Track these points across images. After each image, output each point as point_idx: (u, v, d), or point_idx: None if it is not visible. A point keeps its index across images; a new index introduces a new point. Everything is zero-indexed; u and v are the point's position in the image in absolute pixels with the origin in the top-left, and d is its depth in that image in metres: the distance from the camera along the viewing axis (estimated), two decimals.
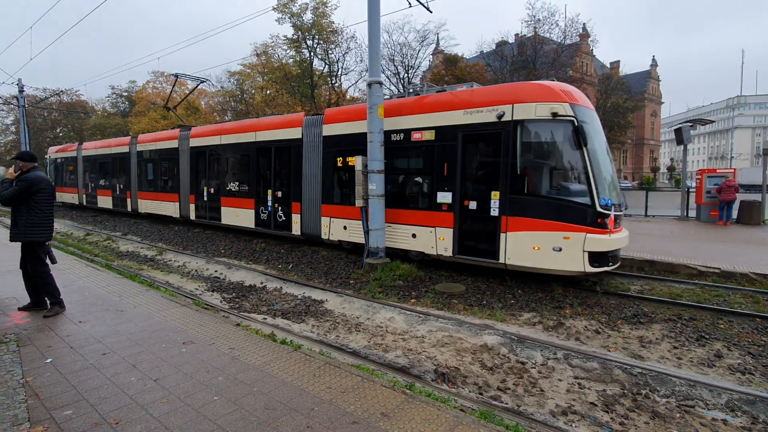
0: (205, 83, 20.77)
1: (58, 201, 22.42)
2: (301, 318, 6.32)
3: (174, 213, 14.97)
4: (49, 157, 24.76)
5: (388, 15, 29.52)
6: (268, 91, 34.77)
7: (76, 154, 21.44)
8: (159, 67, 52.61)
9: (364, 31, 10.18)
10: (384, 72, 31.16)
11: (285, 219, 11.07)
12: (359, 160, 8.62)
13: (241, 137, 12.27)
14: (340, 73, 32.40)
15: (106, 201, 19.02)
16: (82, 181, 21.07)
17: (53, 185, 5.31)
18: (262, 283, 8.36)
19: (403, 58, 32.38)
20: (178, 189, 14.66)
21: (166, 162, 15.27)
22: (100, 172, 19.55)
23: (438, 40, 35.47)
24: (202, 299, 7.09)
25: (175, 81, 19.75)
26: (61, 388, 3.27)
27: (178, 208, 14.77)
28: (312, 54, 31.00)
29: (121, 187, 17.85)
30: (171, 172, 15.00)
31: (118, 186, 18.12)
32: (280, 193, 11.20)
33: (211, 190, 13.33)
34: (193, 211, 14.11)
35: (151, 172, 16.13)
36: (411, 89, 10.47)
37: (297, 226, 10.72)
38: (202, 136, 13.76)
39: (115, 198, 18.37)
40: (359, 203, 8.74)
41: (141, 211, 16.75)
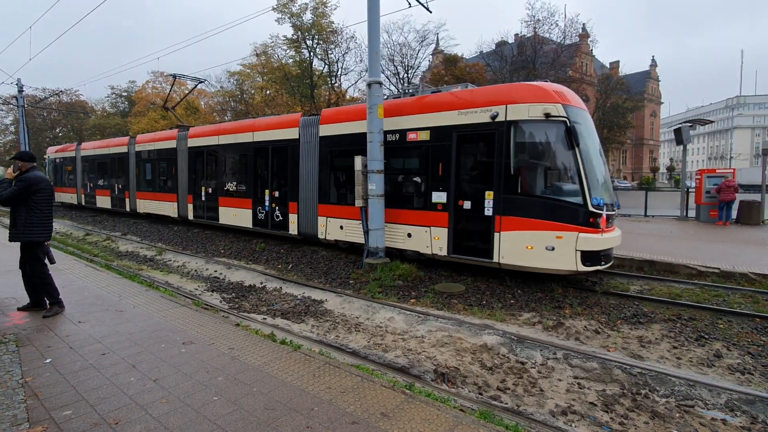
0: (205, 83, 20.77)
1: (57, 201, 22.42)
2: (301, 318, 6.32)
3: (172, 213, 14.97)
4: (48, 157, 24.74)
5: (387, 15, 29.42)
6: (268, 92, 34.73)
7: (74, 154, 21.43)
8: (159, 67, 52.67)
9: (364, 31, 10.20)
10: (384, 72, 31.09)
11: (282, 219, 11.08)
12: (359, 160, 8.62)
13: (239, 137, 12.28)
14: (339, 73, 32.37)
15: (104, 201, 19.01)
16: (80, 181, 21.05)
17: (52, 185, 5.31)
18: (262, 283, 8.36)
19: (402, 58, 32.35)
20: (177, 189, 14.66)
21: (164, 162, 15.27)
22: (98, 172, 19.54)
23: (438, 40, 35.42)
24: (202, 299, 7.08)
25: (173, 81, 19.75)
26: (60, 389, 3.26)
27: (176, 207, 14.77)
28: (312, 54, 30.96)
29: (120, 187, 17.84)
30: (169, 172, 15.00)
31: (116, 186, 18.11)
32: (278, 193, 11.22)
33: (209, 190, 13.34)
34: (191, 211, 14.11)
35: (149, 172, 16.13)
36: (407, 90, 10.50)
37: (294, 226, 10.75)
38: (200, 136, 13.76)
39: (113, 198, 18.36)
40: (359, 203, 8.74)
41: (139, 211, 16.74)
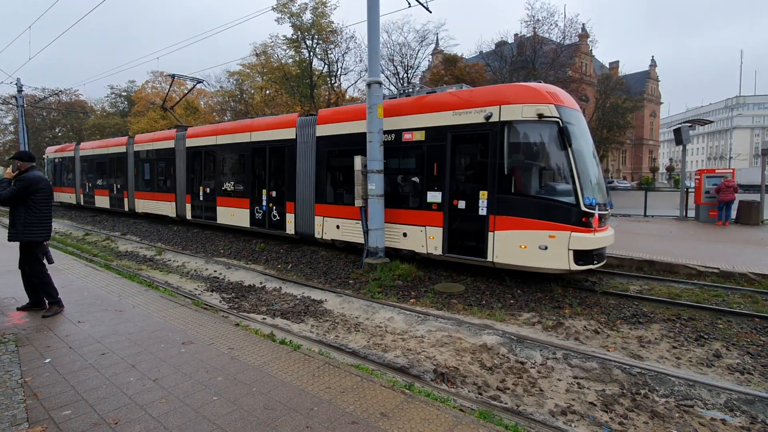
0: (204, 83, 20.76)
1: (56, 201, 22.40)
2: (301, 318, 6.32)
3: (170, 213, 14.99)
4: (47, 157, 24.73)
5: (387, 15, 29.48)
6: (268, 91, 34.71)
7: (73, 154, 21.43)
8: (158, 66, 52.61)
9: (364, 31, 10.19)
10: (383, 72, 31.10)
11: (279, 218, 11.12)
12: (358, 160, 8.62)
13: (237, 137, 12.31)
14: (339, 73, 32.34)
15: (103, 201, 19.01)
16: (79, 181, 21.06)
17: (51, 185, 5.31)
18: (262, 283, 8.36)
19: (402, 58, 32.33)
20: (175, 189, 14.68)
21: (162, 162, 15.28)
22: (97, 172, 19.55)
23: (437, 40, 35.41)
24: (202, 299, 7.08)
25: (172, 81, 19.77)
26: (59, 388, 3.26)
27: (174, 207, 14.80)
28: (311, 54, 30.93)
29: (119, 186, 17.85)
30: (167, 171, 15.02)
31: (115, 186, 18.11)
32: (275, 193, 11.25)
33: (207, 189, 13.36)
34: (189, 211, 14.14)
35: (148, 172, 16.14)
36: (402, 90, 10.57)
37: (291, 226, 10.78)
38: (198, 136, 13.78)
39: (112, 198, 18.36)
40: (358, 203, 8.74)
41: (138, 210, 16.75)
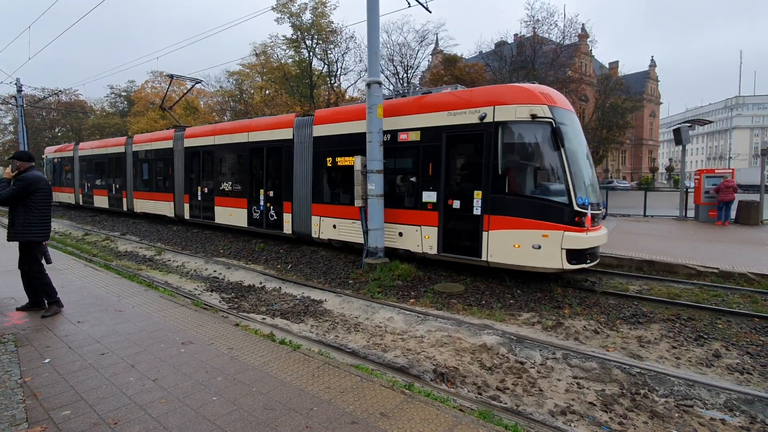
0: (203, 83, 20.79)
1: (55, 201, 22.40)
2: (300, 318, 6.32)
3: (169, 212, 15.01)
4: (46, 157, 24.73)
5: (387, 15, 29.48)
6: (267, 91, 34.70)
7: (72, 154, 21.43)
8: (158, 66, 52.41)
9: (364, 31, 10.21)
10: (383, 72, 31.09)
11: (276, 218, 11.15)
12: (358, 160, 8.62)
13: (234, 138, 12.34)
14: (339, 73, 32.35)
15: (102, 201, 19.03)
16: (78, 180, 21.07)
17: (50, 185, 5.31)
18: (261, 283, 8.36)
19: (402, 58, 32.33)
20: (173, 189, 14.71)
21: (161, 162, 15.31)
22: (96, 172, 19.57)
23: (437, 40, 35.42)
24: (201, 299, 7.08)
25: (170, 82, 19.78)
26: (59, 389, 3.25)
27: (172, 207, 14.82)
28: (311, 54, 30.92)
29: (117, 186, 17.87)
30: (166, 171, 15.05)
31: (114, 186, 18.14)
32: (272, 193, 11.28)
33: (205, 189, 13.40)
34: (187, 211, 14.16)
35: (146, 171, 16.17)
36: (398, 91, 10.62)
37: (288, 225, 10.81)
38: (196, 136, 13.80)
39: (111, 198, 18.39)
40: (358, 203, 8.74)
41: (136, 210, 16.78)
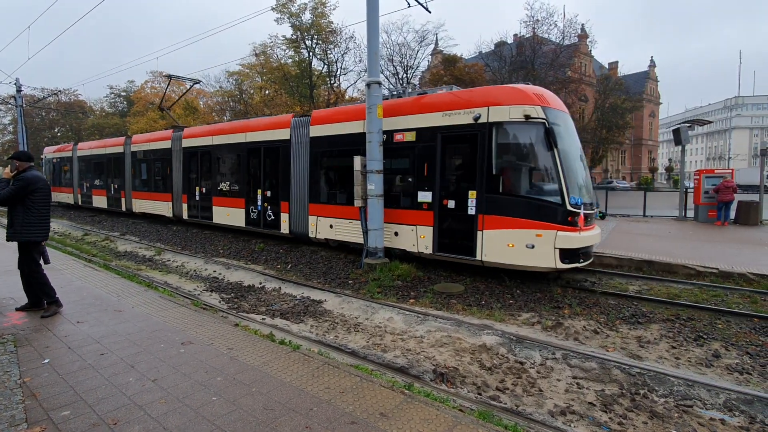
0: (202, 83, 20.77)
1: (54, 201, 22.39)
2: (300, 318, 6.31)
3: (167, 212, 15.03)
4: (45, 157, 24.73)
5: (386, 15, 29.43)
6: (267, 92, 34.70)
7: (71, 154, 21.43)
8: (157, 66, 52.45)
9: (363, 31, 10.22)
10: (383, 72, 31.06)
11: (274, 218, 11.18)
12: (358, 160, 8.63)
13: (232, 138, 12.36)
14: (338, 73, 32.35)
15: (101, 201, 19.04)
16: (77, 181, 21.07)
17: (49, 185, 5.31)
18: (261, 283, 8.35)
19: (402, 59, 32.30)
20: (171, 189, 14.73)
21: (159, 162, 15.33)
22: (95, 172, 19.58)
23: (437, 41, 35.41)
24: (201, 299, 7.08)
25: (169, 82, 19.78)
26: (58, 389, 3.25)
27: (171, 207, 14.84)
28: (311, 54, 30.90)
29: (116, 186, 17.88)
30: (164, 172, 15.07)
31: (112, 186, 18.15)
32: (270, 193, 11.31)
33: (203, 189, 13.42)
34: (185, 211, 14.18)
35: (144, 172, 16.20)
36: (395, 92, 10.66)
37: (285, 225, 10.85)
38: (195, 136, 13.81)
39: (109, 198, 18.40)
40: (358, 203, 8.74)
41: (135, 210, 16.79)
